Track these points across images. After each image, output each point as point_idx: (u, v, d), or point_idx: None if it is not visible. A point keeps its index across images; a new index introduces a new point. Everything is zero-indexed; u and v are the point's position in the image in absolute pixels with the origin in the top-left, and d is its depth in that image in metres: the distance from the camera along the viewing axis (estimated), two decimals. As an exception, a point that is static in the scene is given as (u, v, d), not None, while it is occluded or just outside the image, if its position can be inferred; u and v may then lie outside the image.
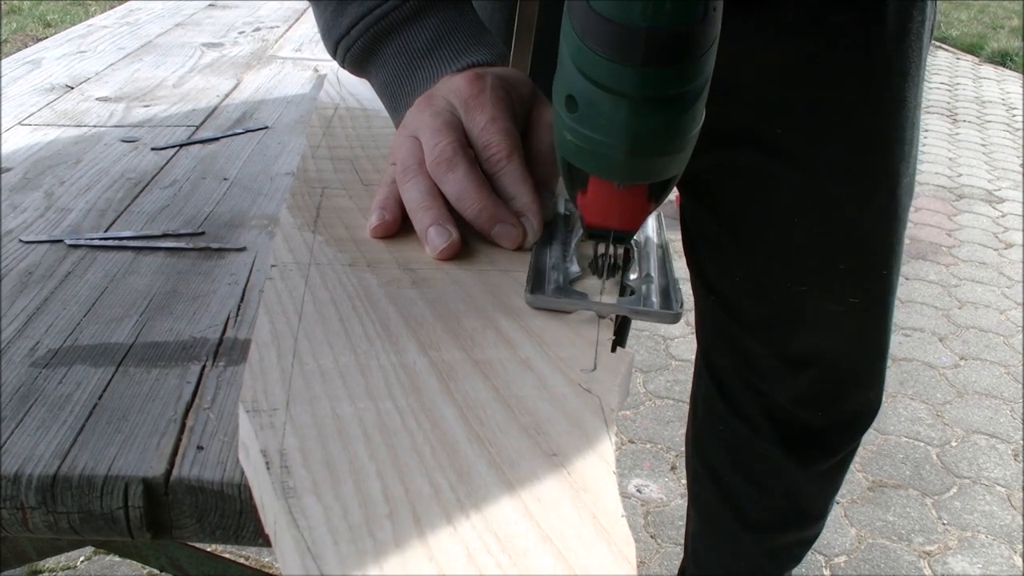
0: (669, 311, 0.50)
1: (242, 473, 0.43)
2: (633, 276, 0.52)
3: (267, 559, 1.45)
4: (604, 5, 0.41)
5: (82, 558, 1.49)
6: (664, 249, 0.57)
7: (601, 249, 0.52)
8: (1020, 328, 2.31)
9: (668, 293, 0.51)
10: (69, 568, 1.47)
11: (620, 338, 0.48)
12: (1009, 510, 1.71)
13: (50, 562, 1.47)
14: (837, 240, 0.84)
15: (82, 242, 0.69)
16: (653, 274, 0.53)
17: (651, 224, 0.59)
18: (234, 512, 0.44)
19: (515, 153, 0.56)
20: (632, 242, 0.53)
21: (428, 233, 0.54)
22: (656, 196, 0.49)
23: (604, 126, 0.44)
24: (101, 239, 0.69)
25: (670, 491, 1.67)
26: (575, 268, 0.53)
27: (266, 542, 0.38)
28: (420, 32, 0.62)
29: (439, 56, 0.61)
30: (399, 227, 0.56)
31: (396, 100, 0.64)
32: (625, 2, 0.41)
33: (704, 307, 0.97)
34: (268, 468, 0.35)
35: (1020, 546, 1.63)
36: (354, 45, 0.63)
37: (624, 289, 0.51)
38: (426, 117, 0.58)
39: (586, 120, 0.44)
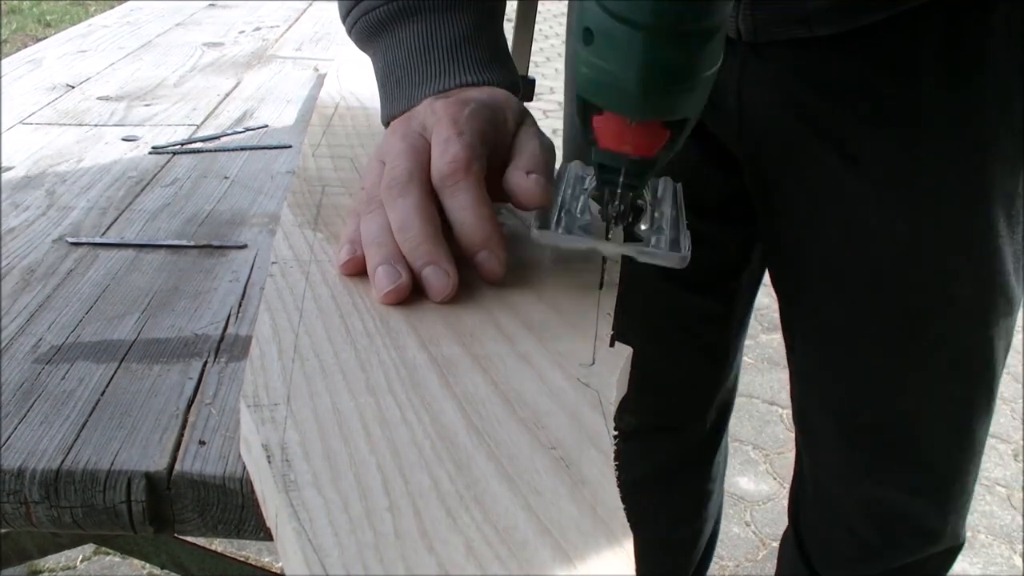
0: (676, 253, 0.50)
1: (244, 467, 0.43)
2: (644, 227, 0.52)
3: (268, 559, 1.45)
4: None
5: (82, 558, 1.49)
6: (678, 208, 0.56)
7: (612, 197, 0.51)
8: (1019, 328, 2.30)
9: (678, 241, 0.51)
10: (69, 568, 1.47)
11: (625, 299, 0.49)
12: (1009, 510, 1.71)
13: (50, 562, 1.47)
14: None
15: (83, 240, 0.69)
16: (665, 227, 0.53)
17: (667, 189, 0.59)
18: (236, 506, 0.45)
19: (472, 168, 0.50)
20: (644, 193, 0.53)
21: (376, 273, 0.48)
22: (672, 136, 0.48)
23: (618, 57, 0.44)
24: (102, 237, 0.70)
25: (670, 490, 1.67)
26: (586, 217, 0.53)
27: (268, 536, 0.38)
28: (405, 42, 0.60)
29: (423, 74, 0.59)
30: None
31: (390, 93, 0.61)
32: None
33: None
34: (269, 462, 0.36)
35: (1020, 546, 1.63)
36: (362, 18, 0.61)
37: (632, 237, 0.52)
38: (395, 140, 0.54)
39: (601, 51, 0.45)
